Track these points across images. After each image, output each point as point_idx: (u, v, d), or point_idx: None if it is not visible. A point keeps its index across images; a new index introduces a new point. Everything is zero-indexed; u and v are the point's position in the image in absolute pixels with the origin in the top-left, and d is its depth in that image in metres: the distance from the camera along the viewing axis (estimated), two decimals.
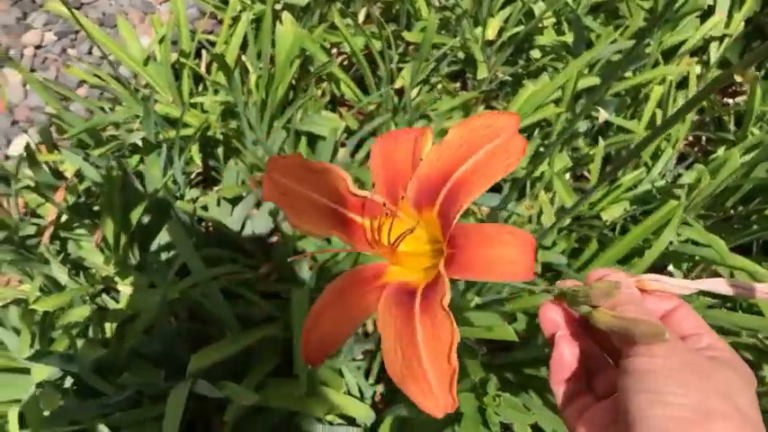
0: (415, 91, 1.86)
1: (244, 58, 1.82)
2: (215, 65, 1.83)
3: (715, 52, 1.94)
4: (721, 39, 1.94)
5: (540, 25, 1.87)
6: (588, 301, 0.56)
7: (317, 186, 0.60)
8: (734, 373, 0.53)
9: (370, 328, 1.53)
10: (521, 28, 1.86)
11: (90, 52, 2.21)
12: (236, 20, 1.82)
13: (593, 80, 1.73)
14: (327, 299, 0.57)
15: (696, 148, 2.06)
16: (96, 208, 1.65)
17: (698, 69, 1.98)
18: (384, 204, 0.61)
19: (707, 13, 1.96)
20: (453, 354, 0.49)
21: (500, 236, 0.51)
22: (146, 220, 1.56)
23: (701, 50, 1.99)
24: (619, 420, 0.55)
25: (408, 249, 0.61)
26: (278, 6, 1.80)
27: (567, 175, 1.77)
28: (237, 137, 1.68)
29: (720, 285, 0.61)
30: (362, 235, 0.61)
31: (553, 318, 0.62)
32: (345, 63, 1.99)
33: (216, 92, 1.75)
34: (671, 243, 1.62)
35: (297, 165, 0.61)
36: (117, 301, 1.51)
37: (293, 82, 1.80)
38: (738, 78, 1.63)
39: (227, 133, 1.68)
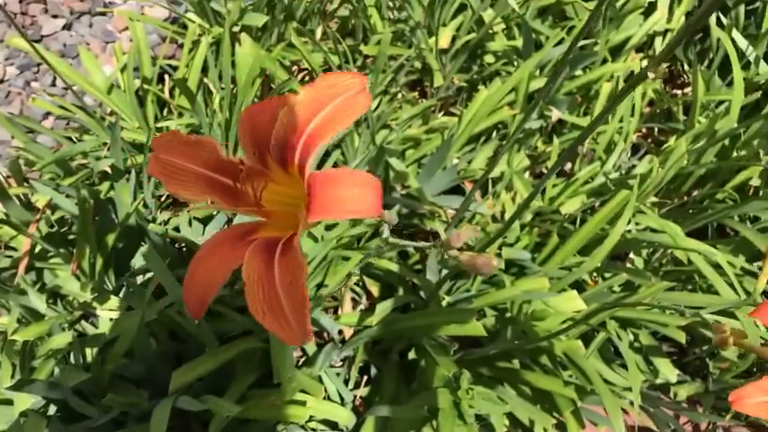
0: (376, 102, 1.92)
1: (206, 80, 1.86)
2: (179, 89, 1.87)
3: (659, 47, 2.03)
4: (664, 33, 2.02)
5: (491, 32, 1.94)
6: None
7: (195, 157, 0.67)
8: None
9: (347, 333, 1.58)
10: (473, 35, 1.93)
11: (54, 84, 2.23)
12: (196, 44, 1.86)
13: (544, 81, 1.80)
14: (204, 253, 0.65)
15: (650, 140, 2.14)
16: (71, 237, 1.68)
17: (644, 64, 2.06)
18: (243, 164, 0.69)
19: (649, 10, 2.04)
20: (305, 287, 0.55)
21: (344, 178, 0.59)
22: (120, 245, 1.59)
23: (646, 45, 2.08)
24: None
25: (280, 208, 0.68)
26: (236, 29, 1.85)
27: (527, 174, 1.84)
28: None
29: None
30: (240, 197, 0.67)
31: None
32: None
33: (180, 115, 1.79)
34: (629, 231, 1.69)
35: (176, 140, 0.68)
36: (96, 327, 1.54)
37: (256, 100, 1.84)
38: (651, 75, 1.70)
39: None
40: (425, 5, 1.88)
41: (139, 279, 1.59)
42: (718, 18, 2.02)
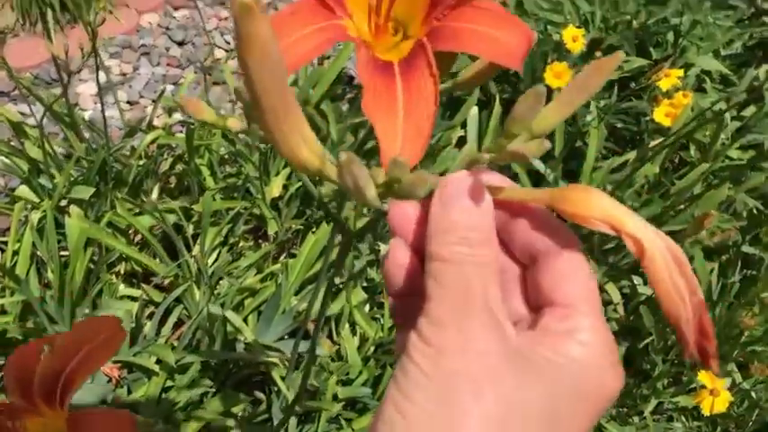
0: (214, 255, 1.98)
1: (39, 252, 1.86)
2: (9, 264, 1.86)
3: None
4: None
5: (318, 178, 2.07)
6: None
7: None
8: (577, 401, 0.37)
9: None
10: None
11: None
12: (28, 218, 1.87)
13: (369, 219, 1.93)
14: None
15: None
16: None
17: None
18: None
19: (461, 142, 2.26)
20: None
21: (100, 418, 0.67)
22: None
23: None
24: None
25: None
26: (64, 203, 1.88)
27: (366, 307, 1.93)
28: (38, 333, 1.70)
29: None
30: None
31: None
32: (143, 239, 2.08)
33: (13, 293, 1.77)
34: None
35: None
36: None
37: (92, 266, 1.86)
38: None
39: (26, 332, 1.70)
40: (254, 161, 2.00)
41: None
42: None
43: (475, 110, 2.22)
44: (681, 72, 1.95)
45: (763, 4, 2.67)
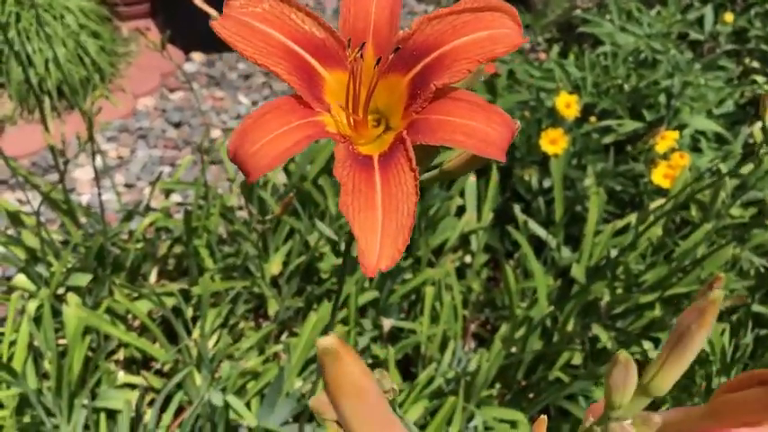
0: (216, 335, 1.94)
1: (36, 342, 1.82)
2: (6, 355, 1.81)
3: (476, 242, 2.21)
4: (477, 231, 2.21)
5: (318, 254, 2.05)
6: None
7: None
8: None
9: None
10: (303, 258, 2.03)
11: None
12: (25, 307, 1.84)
13: (373, 293, 1.90)
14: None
15: (489, 327, 2.27)
16: None
17: (468, 258, 2.24)
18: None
19: (461, 211, 2.25)
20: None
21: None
22: None
23: (464, 243, 2.26)
24: None
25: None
26: (61, 290, 1.86)
27: None
28: (35, 427, 1.65)
29: None
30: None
31: None
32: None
33: (9, 386, 1.73)
34: (476, 428, 1.74)
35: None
36: None
37: (90, 354, 1.82)
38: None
39: (23, 428, 1.64)
40: (253, 240, 1.98)
41: None
42: (523, 210, 2.25)
43: (473, 179, 2.22)
44: (677, 134, 1.96)
45: (751, 63, 2.72)
